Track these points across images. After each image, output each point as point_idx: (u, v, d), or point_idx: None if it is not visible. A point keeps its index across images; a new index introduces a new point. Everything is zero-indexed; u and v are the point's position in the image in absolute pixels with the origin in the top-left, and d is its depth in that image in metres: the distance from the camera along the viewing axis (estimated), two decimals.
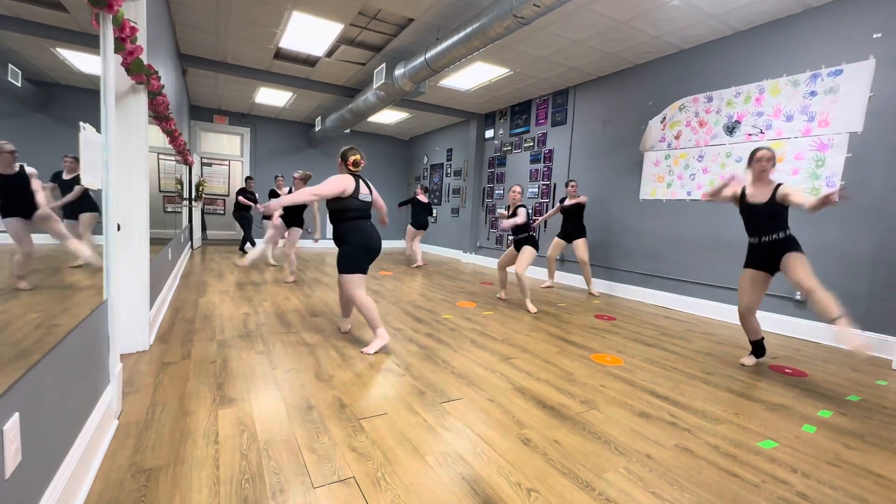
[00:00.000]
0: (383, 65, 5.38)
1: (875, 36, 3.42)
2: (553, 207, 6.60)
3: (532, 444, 1.78)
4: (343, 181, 2.82)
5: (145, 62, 2.28)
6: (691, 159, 4.70)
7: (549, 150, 6.76)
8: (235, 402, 2.04)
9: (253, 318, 3.54)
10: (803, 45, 3.84)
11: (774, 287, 3.98)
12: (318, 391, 2.20)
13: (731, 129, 4.36)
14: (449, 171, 9.58)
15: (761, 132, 4.11)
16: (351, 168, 2.92)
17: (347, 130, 8.88)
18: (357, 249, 2.86)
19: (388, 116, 8.88)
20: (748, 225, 2.88)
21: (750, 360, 2.98)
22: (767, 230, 2.77)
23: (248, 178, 7.88)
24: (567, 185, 5.56)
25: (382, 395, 2.19)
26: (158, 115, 3.17)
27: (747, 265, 2.89)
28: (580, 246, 5.42)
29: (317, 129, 8.87)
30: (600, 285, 5.77)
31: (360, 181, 2.95)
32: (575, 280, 6.22)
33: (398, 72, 5.27)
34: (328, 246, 9.89)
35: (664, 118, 4.97)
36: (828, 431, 2.04)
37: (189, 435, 1.73)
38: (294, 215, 5.36)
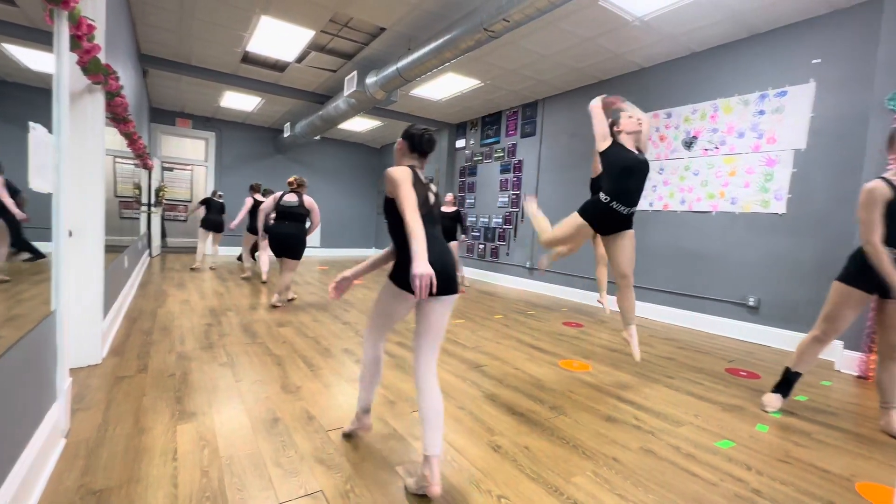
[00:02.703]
0: (355, 72, 5.36)
1: (814, 61, 3.71)
2: (521, 212, 6.74)
3: (502, 450, 1.80)
4: None
5: (103, 61, 2.18)
6: (653, 172, 4.91)
7: (519, 160, 6.90)
8: (196, 416, 1.95)
9: (216, 329, 3.40)
10: (752, 68, 4.11)
11: (727, 293, 4.20)
12: (284, 403, 2.14)
13: (688, 144, 4.59)
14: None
15: (716, 147, 4.35)
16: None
17: (317, 137, 8.75)
18: None
19: (360, 124, 8.83)
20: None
21: (772, 402, 2.41)
22: None
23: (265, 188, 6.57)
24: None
25: (351, 406, 2.15)
26: (116, 116, 3.03)
27: (856, 284, 2.14)
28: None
29: (286, 135, 8.70)
30: (567, 292, 5.90)
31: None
32: (547, 288, 6.34)
33: (370, 80, 5.26)
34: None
35: None
36: (779, 430, 2.16)
37: (145, 453, 1.64)
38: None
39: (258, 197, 6.12)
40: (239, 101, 7.67)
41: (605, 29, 4.19)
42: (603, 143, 2.56)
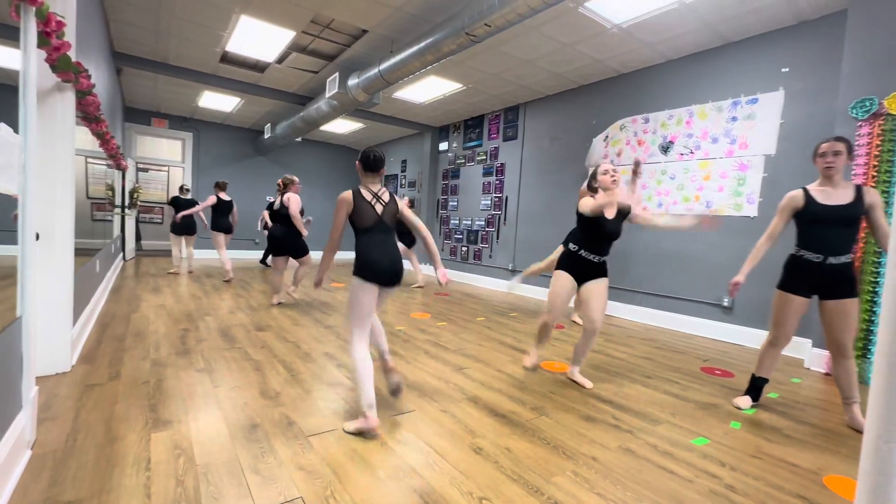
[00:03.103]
0: (336, 74, 5.33)
1: (783, 70, 3.85)
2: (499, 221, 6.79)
3: (484, 452, 1.80)
4: None
5: (74, 59, 2.12)
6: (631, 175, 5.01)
7: (501, 163, 6.96)
8: (171, 424, 1.90)
9: (193, 334, 3.32)
10: (725, 75, 4.24)
11: (702, 293, 4.31)
12: (263, 409, 2.10)
13: (665, 149, 4.71)
14: (404, 183, 9.58)
15: (691, 152, 4.47)
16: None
17: (299, 139, 8.64)
18: None
19: (342, 126, 8.77)
20: (811, 237, 2.27)
21: (744, 402, 2.48)
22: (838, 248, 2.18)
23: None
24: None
25: (332, 411, 2.13)
26: (88, 115, 2.94)
27: (791, 290, 2.30)
28: None
29: (266, 136, 8.58)
30: (543, 294, 5.94)
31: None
32: (530, 290, 6.39)
33: (352, 82, 5.24)
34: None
35: (607, 136, 5.28)
36: (751, 427, 2.22)
37: (116, 463, 1.58)
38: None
39: (222, 196, 6.03)
40: (218, 102, 7.53)
41: (585, 35, 4.26)
42: (584, 209, 2.51)
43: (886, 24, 3.09)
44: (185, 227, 6.41)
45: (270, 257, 4.95)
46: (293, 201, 4.58)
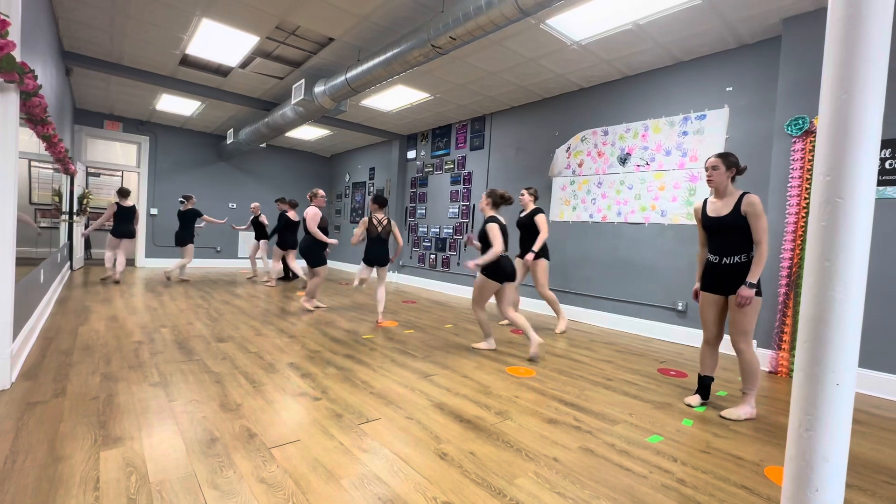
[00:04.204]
0: (302, 81, 5.28)
1: (728, 89, 4.14)
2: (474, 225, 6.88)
3: (449, 458, 1.82)
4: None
5: (18, 59, 2.02)
6: (592, 185, 5.22)
7: (469, 172, 7.06)
8: (123, 441, 1.82)
9: (147, 347, 3.18)
10: (676, 92, 4.51)
11: (659, 298, 4.52)
12: (223, 422, 2.04)
13: (623, 160, 4.93)
14: (372, 190, 9.54)
15: (647, 164, 4.71)
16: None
17: (263, 145, 8.45)
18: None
19: (308, 132, 8.65)
20: (710, 241, 2.53)
21: (695, 400, 2.63)
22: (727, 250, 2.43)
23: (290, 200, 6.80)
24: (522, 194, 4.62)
25: (296, 421, 2.10)
26: (33, 117, 2.79)
27: (703, 287, 2.56)
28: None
29: (229, 141, 8.34)
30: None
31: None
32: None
33: (318, 89, 5.20)
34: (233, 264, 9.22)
35: (569, 148, 5.48)
36: (702, 424, 2.35)
37: (61, 483, 1.50)
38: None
39: (125, 203, 5.94)
40: (177, 105, 7.27)
41: (547, 51, 4.43)
42: None
43: (816, 49, 3.39)
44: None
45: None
46: (310, 217, 4.80)
